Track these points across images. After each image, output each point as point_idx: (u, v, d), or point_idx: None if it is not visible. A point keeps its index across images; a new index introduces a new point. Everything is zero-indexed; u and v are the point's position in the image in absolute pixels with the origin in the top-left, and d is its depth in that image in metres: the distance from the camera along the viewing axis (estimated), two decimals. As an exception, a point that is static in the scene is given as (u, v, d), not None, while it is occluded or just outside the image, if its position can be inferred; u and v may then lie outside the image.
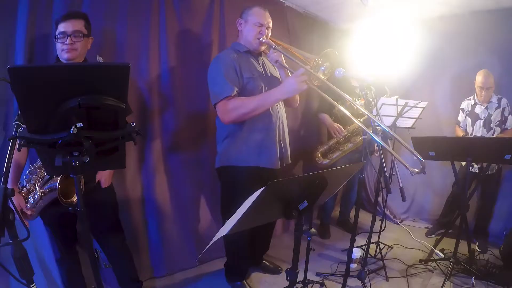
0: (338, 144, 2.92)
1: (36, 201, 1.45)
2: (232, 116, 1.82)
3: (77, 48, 1.54)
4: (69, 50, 1.51)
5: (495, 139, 2.57)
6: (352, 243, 1.99)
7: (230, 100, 1.81)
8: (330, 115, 3.00)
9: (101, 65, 1.26)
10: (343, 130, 2.87)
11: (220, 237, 1.02)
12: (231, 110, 1.81)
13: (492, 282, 2.17)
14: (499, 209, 2.97)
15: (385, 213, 2.77)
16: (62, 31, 1.50)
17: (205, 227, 2.56)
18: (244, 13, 1.99)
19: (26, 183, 1.47)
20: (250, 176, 1.94)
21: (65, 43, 1.50)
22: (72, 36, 1.51)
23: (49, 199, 1.46)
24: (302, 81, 1.70)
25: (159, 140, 2.26)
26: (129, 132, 1.01)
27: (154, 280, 2.24)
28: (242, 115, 1.82)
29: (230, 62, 1.88)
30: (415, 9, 3.15)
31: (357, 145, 2.85)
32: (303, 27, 3.26)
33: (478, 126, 2.84)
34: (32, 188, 1.46)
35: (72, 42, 1.51)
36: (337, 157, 2.90)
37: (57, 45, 1.52)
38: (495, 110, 2.78)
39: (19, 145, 0.90)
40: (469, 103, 2.91)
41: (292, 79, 1.73)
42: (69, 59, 1.53)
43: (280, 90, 1.78)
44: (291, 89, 1.74)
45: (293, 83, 1.72)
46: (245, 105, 1.80)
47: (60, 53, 1.53)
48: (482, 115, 2.82)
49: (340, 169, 1.32)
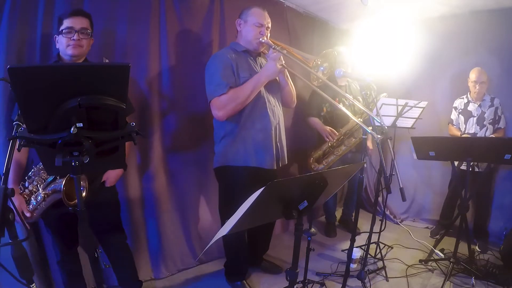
0: (331, 148, 2.82)
1: (39, 202, 1.44)
2: (228, 110, 1.84)
3: (83, 45, 1.54)
4: (75, 45, 1.50)
5: (495, 139, 2.57)
6: (352, 243, 1.98)
7: (223, 95, 1.82)
8: (319, 118, 2.91)
9: (101, 65, 1.26)
10: (336, 133, 2.76)
11: (220, 237, 1.02)
12: (225, 105, 1.83)
13: (492, 282, 2.17)
14: (499, 209, 2.97)
15: (385, 213, 2.77)
16: (69, 26, 1.49)
17: (205, 227, 2.56)
18: (244, 14, 1.98)
19: (28, 184, 1.46)
20: (248, 176, 1.94)
21: (72, 38, 1.50)
22: (80, 32, 1.51)
23: (52, 200, 1.45)
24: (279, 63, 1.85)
25: (159, 140, 2.26)
26: (129, 132, 1.01)
27: (154, 280, 2.24)
28: (235, 107, 1.84)
29: (227, 61, 1.89)
30: (415, 9, 3.15)
31: (351, 147, 2.79)
32: (303, 27, 3.26)
33: (471, 123, 2.86)
34: (35, 189, 1.46)
35: (79, 38, 1.51)
36: (332, 161, 2.81)
37: (61, 40, 1.51)
38: (488, 108, 2.81)
39: (19, 145, 0.90)
40: (462, 101, 2.94)
41: (270, 61, 1.87)
42: (74, 55, 1.52)
43: (262, 73, 1.88)
44: (271, 71, 1.87)
45: (273, 65, 1.85)
46: (236, 96, 1.83)
47: (64, 48, 1.52)
48: (475, 113, 2.84)
49: (340, 169, 1.32)
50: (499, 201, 2.98)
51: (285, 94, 2.14)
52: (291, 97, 2.16)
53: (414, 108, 2.58)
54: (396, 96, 2.59)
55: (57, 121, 0.89)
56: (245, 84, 1.88)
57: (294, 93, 2.16)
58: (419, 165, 3.44)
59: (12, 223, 0.98)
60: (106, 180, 1.72)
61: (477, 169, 2.74)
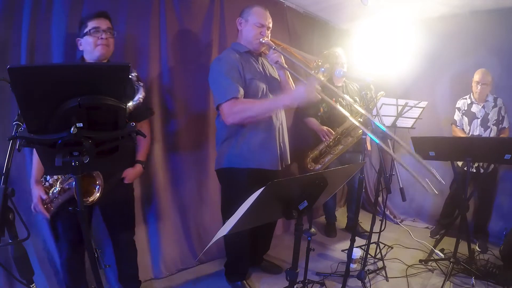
0: (328, 147, 2.84)
1: (55, 195, 1.48)
2: (237, 118, 1.80)
3: (109, 45, 1.56)
4: (104, 45, 1.53)
5: (495, 139, 2.57)
6: (352, 243, 1.99)
7: (237, 102, 1.77)
8: (316, 119, 2.92)
9: (101, 65, 1.26)
10: (332, 132, 2.79)
11: (220, 237, 1.02)
12: (237, 112, 1.78)
13: (492, 282, 2.17)
14: (499, 209, 2.97)
15: (385, 213, 2.77)
16: (96, 26, 1.51)
17: (205, 227, 2.56)
18: (245, 12, 1.96)
19: (50, 178, 1.52)
20: (251, 178, 1.91)
21: (100, 38, 1.51)
22: (107, 32, 1.53)
23: (67, 196, 1.49)
24: (312, 90, 1.67)
25: (160, 140, 2.26)
26: (129, 132, 1.01)
27: (154, 280, 2.24)
28: (247, 118, 1.81)
29: (233, 63, 1.86)
30: (415, 9, 3.15)
31: (348, 146, 2.80)
32: (303, 27, 3.26)
33: (475, 125, 2.85)
34: (54, 183, 1.50)
35: (106, 37, 1.53)
36: (329, 160, 2.83)
37: (88, 40, 1.52)
38: (492, 109, 2.80)
39: (19, 145, 0.90)
40: (465, 102, 2.92)
41: (302, 87, 1.71)
42: (102, 55, 1.54)
43: (289, 97, 1.77)
44: (299, 97, 1.72)
45: (303, 91, 1.69)
46: (253, 108, 1.78)
47: (92, 49, 1.53)
48: (479, 114, 2.83)
49: (340, 169, 1.32)
50: (499, 201, 2.98)
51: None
52: None
53: (414, 108, 2.58)
54: (396, 96, 2.59)
55: (57, 121, 0.89)
56: (265, 101, 1.84)
57: None
58: (419, 165, 3.43)
59: (12, 223, 0.98)
60: (125, 177, 1.74)
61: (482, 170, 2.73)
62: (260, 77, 1.95)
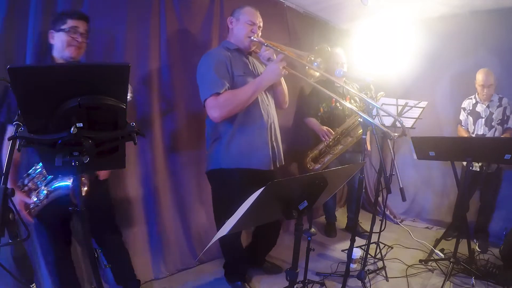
0: (328, 147, 2.84)
1: (41, 199, 1.44)
2: (224, 111, 1.78)
3: (82, 48, 1.55)
4: (77, 47, 1.51)
5: (495, 139, 2.57)
6: (352, 243, 1.98)
7: (220, 96, 1.78)
8: (316, 119, 2.92)
9: (101, 65, 1.26)
10: (332, 132, 2.79)
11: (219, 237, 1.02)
12: (223, 106, 1.77)
13: (492, 282, 2.17)
14: (499, 209, 2.97)
15: (385, 213, 2.76)
16: (74, 26, 1.50)
17: (205, 227, 2.55)
18: (236, 12, 2.00)
19: (28, 182, 1.46)
20: (243, 179, 1.89)
21: (76, 39, 1.50)
22: (83, 35, 1.52)
23: (54, 197, 1.45)
24: (282, 65, 1.82)
25: (159, 140, 2.26)
26: (129, 132, 1.01)
27: (154, 280, 2.24)
28: (233, 108, 1.80)
29: (222, 59, 1.86)
30: (415, 9, 3.15)
31: (347, 146, 2.80)
32: (303, 27, 3.26)
33: (479, 124, 2.84)
34: (34, 186, 1.45)
35: (82, 41, 1.52)
36: (329, 160, 2.82)
37: (62, 37, 1.50)
38: (496, 108, 2.78)
39: (19, 145, 0.90)
40: (470, 102, 2.91)
41: (274, 64, 1.83)
42: (73, 56, 1.52)
43: (265, 77, 1.85)
44: (274, 74, 1.84)
45: (276, 68, 1.82)
46: (237, 97, 1.79)
47: (63, 46, 1.51)
48: (483, 114, 2.82)
49: (340, 169, 1.32)
50: (499, 201, 2.97)
51: (277, 94, 2.10)
52: (284, 97, 2.13)
53: (414, 108, 2.58)
54: (396, 96, 2.59)
55: (57, 121, 0.89)
56: (245, 86, 1.84)
57: (286, 93, 2.14)
58: (419, 165, 3.44)
59: (12, 223, 0.98)
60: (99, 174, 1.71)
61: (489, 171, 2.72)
62: (250, 74, 1.95)
